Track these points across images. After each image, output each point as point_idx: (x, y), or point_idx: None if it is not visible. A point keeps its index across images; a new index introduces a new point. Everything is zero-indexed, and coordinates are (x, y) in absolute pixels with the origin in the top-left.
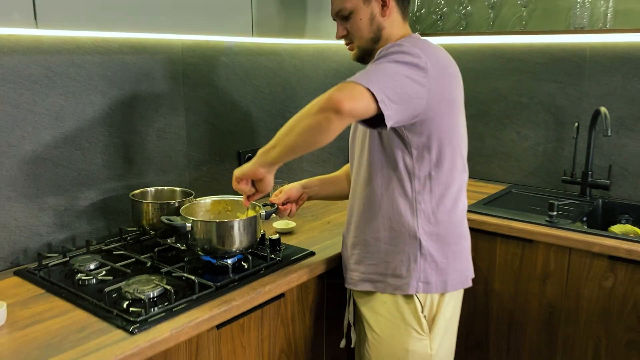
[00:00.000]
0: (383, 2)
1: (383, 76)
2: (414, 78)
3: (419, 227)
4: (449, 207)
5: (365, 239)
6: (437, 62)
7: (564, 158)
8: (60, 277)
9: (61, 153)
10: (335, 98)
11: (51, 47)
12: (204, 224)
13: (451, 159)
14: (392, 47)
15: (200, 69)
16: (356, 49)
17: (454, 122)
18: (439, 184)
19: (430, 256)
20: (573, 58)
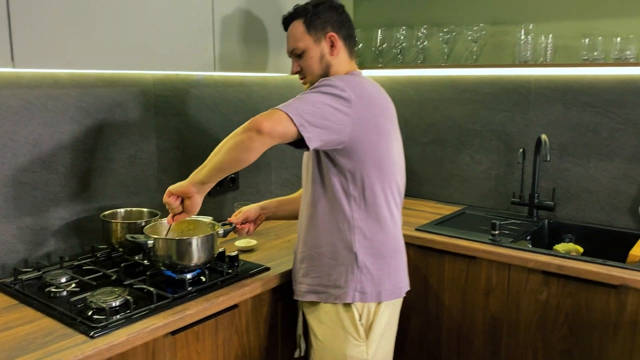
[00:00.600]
0: (332, 43)
1: (305, 104)
2: (336, 107)
3: (355, 242)
4: (383, 224)
5: (311, 254)
6: (363, 95)
7: (514, 181)
8: (33, 289)
9: (38, 177)
10: (257, 120)
11: (31, 82)
12: (164, 241)
13: (383, 182)
14: (322, 81)
15: (171, 100)
16: (308, 83)
17: (384, 148)
18: (372, 204)
19: (366, 268)
20: (519, 89)
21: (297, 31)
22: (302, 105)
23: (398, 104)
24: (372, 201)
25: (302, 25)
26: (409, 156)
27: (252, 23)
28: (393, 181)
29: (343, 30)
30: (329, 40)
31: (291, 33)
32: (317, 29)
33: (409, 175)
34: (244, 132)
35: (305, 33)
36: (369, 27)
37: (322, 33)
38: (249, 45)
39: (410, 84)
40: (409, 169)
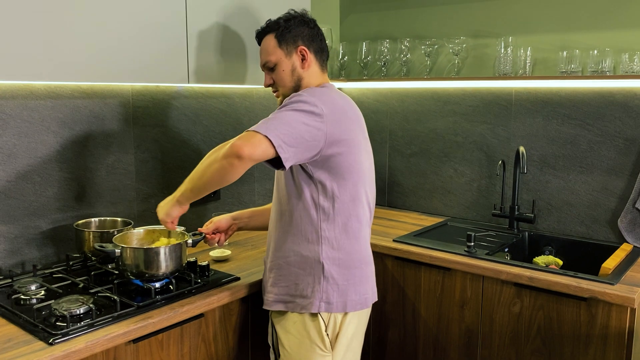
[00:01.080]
0: (302, 57)
1: (280, 124)
2: (310, 123)
3: (322, 253)
4: (351, 235)
5: (279, 263)
6: (333, 108)
7: (495, 193)
8: (1, 297)
9: (13, 186)
10: (236, 145)
11: (5, 93)
12: (132, 250)
13: (352, 193)
14: (293, 97)
15: (150, 111)
16: (281, 96)
17: (353, 159)
18: (341, 215)
19: (332, 279)
20: (500, 101)
21: (269, 45)
22: (279, 126)
23: (382, 115)
24: (341, 212)
25: (273, 40)
26: (393, 167)
27: (227, 36)
28: (362, 193)
29: (314, 44)
30: (300, 53)
31: (263, 47)
32: (288, 42)
33: (393, 186)
34: (224, 158)
35: (277, 47)
36: (354, 40)
37: (293, 47)
38: (224, 58)
39: (395, 96)
40: (394, 180)
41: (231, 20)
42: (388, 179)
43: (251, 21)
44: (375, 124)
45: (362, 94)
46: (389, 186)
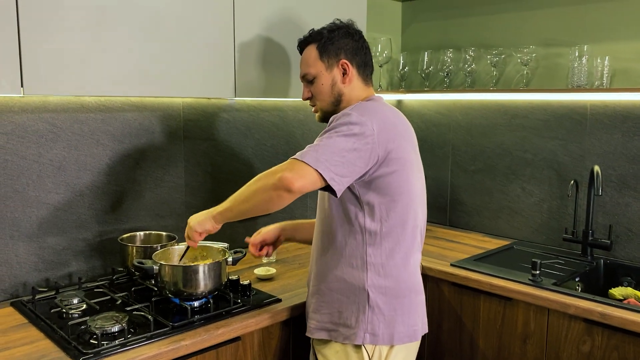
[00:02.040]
0: (344, 70)
1: (331, 153)
2: (361, 148)
3: (367, 280)
4: (398, 261)
5: (321, 289)
6: (383, 124)
7: (567, 215)
8: (44, 310)
9: (62, 198)
10: (287, 179)
11: (57, 107)
12: (170, 267)
13: (402, 215)
14: (341, 117)
15: (201, 124)
16: (319, 111)
17: (404, 179)
18: (389, 239)
19: (378, 308)
20: (574, 115)
21: (310, 56)
22: (329, 156)
23: (445, 128)
24: (389, 236)
25: (315, 51)
26: (455, 184)
27: (272, 48)
28: (412, 215)
29: (357, 57)
30: (342, 67)
31: (304, 58)
32: (330, 55)
33: (455, 205)
34: (274, 189)
35: (318, 59)
36: (415, 50)
37: (335, 60)
38: (269, 71)
39: (458, 108)
40: (456, 198)
41: (276, 32)
42: (450, 196)
43: (297, 32)
44: (437, 138)
45: (423, 105)
46: (451, 204)
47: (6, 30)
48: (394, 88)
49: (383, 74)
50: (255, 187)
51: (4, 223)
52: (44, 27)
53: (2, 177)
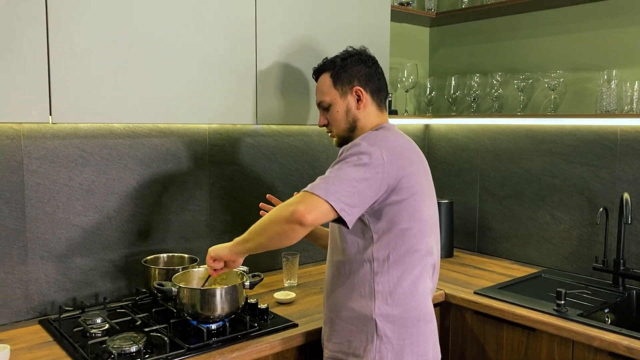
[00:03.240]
0: (358, 97)
1: (341, 184)
2: (372, 177)
3: (375, 309)
4: (407, 289)
5: (332, 317)
6: (393, 153)
7: (598, 244)
8: (69, 328)
9: (90, 221)
10: (298, 212)
11: (87, 133)
12: (188, 290)
13: (412, 243)
14: (351, 147)
15: (226, 149)
16: (336, 137)
17: (414, 207)
18: (397, 267)
19: (386, 337)
20: (604, 141)
21: (324, 84)
22: (339, 187)
23: (472, 153)
24: (397, 264)
25: (329, 79)
26: (484, 210)
27: (292, 76)
28: (423, 243)
29: (371, 83)
30: (355, 94)
31: (319, 86)
32: (344, 82)
33: (484, 231)
34: (287, 222)
35: (332, 87)
36: (442, 75)
37: (349, 87)
38: (289, 98)
39: (486, 133)
40: (484, 224)
41: (297, 60)
42: (478, 222)
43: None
44: (464, 163)
45: (451, 130)
46: (479, 230)
47: (37, 60)
48: (421, 113)
49: (410, 98)
50: (269, 220)
51: (35, 244)
52: (73, 56)
53: (34, 200)
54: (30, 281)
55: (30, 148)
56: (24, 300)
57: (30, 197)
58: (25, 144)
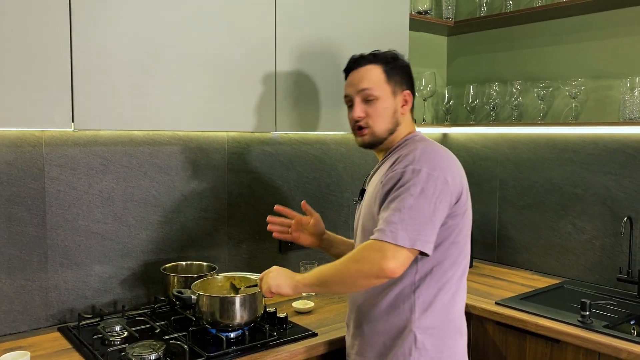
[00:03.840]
0: (405, 101)
1: (421, 225)
2: (443, 205)
3: (414, 320)
4: (446, 301)
5: (364, 331)
6: (452, 172)
7: (622, 254)
8: (88, 336)
9: (109, 228)
10: (390, 270)
11: (107, 140)
12: (208, 298)
13: (455, 256)
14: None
15: (244, 157)
16: (368, 135)
17: (464, 221)
18: (439, 279)
19: (425, 350)
20: (627, 149)
21: (376, 76)
22: (420, 229)
23: (492, 162)
24: (439, 277)
25: (382, 73)
26: (503, 220)
27: (311, 84)
28: (463, 256)
29: (413, 90)
30: (404, 97)
31: (365, 75)
32: (396, 82)
33: (503, 241)
34: (376, 278)
35: (385, 82)
36: (461, 83)
37: (400, 88)
38: (308, 105)
39: (505, 142)
40: (504, 234)
41: (316, 68)
42: (498, 232)
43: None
44: (483, 172)
45: (470, 139)
46: (499, 240)
47: (60, 67)
48: (439, 121)
49: (428, 107)
50: (351, 274)
51: (55, 251)
52: (96, 64)
53: (54, 207)
54: (49, 288)
55: (52, 155)
56: (43, 308)
57: (51, 204)
58: (46, 151)
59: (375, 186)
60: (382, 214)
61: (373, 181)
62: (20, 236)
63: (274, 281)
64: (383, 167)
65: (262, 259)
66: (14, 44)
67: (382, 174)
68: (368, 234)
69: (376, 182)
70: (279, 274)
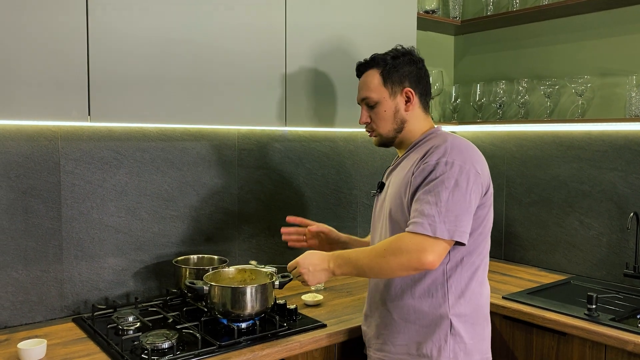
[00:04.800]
0: (407, 98)
1: (458, 217)
2: (476, 195)
3: (450, 308)
4: (476, 289)
5: (393, 319)
6: (481, 163)
7: (629, 250)
8: (102, 326)
9: (123, 221)
10: (430, 262)
11: (121, 135)
12: (220, 288)
13: (481, 246)
14: (446, 166)
15: (254, 153)
16: (377, 137)
17: (487, 211)
18: (468, 268)
19: (459, 337)
20: (633, 146)
21: (372, 81)
22: (457, 220)
23: (499, 160)
24: (468, 266)
25: (378, 77)
26: (510, 217)
27: (321, 80)
28: (487, 243)
29: (420, 85)
30: (405, 95)
31: (365, 82)
32: (394, 82)
33: (510, 238)
34: (414, 269)
35: (381, 85)
36: (468, 82)
37: (399, 87)
38: (318, 101)
39: (512, 140)
40: (511, 231)
41: (326, 65)
42: (505, 229)
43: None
44: (490, 170)
45: (477, 137)
46: (506, 237)
47: (76, 60)
48: (446, 120)
49: (435, 105)
50: (393, 265)
51: (70, 243)
52: (112, 58)
53: (69, 200)
54: (64, 280)
55: (67, 149)
56: (58, 299)
57: (66, 197)
58: (62, 145)
59: (403, 178)
60: (415, 205)
61: (398, 173)
62: (37, 228)
63: (313, 281)
64: (408, 161)
65: (272, 254)
66: (31, 38)
67: (412, 166)
68: (396, 224)
69: (403, 174)
70: (315, 272)
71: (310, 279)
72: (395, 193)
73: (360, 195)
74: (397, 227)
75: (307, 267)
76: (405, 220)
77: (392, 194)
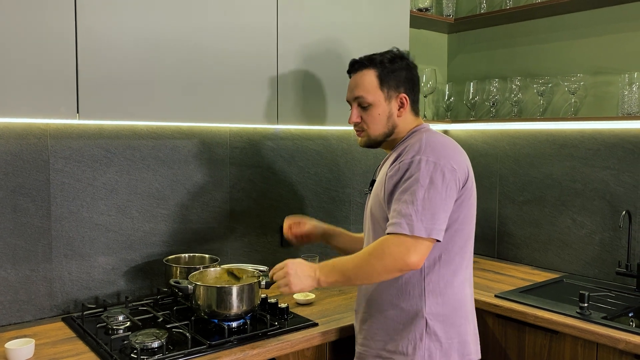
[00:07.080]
0: (401, 104)
1: (434, 215)
2: (452, 192)
3: (425, 307)
4: (456, 289)
5: (374, 316)
6: (457, 159)
7: (621, 248)
8: (91, 325)
9: (113, 220)
10: (413, 263)
11: (112, 133)
12: (205, 288)
13: (463, 243)
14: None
15: (246, 151)
16: (365, 137)
17: (469, 206)
18: (447, 266)
19: (435, 336)
20: (626, 144)
21: (367, 82)
22: (434, 218)
23: (492, 159)
24: (448, 264)
25: (375, 79)
26: (503, 216)
27: (313, 78)
28: (469, 243)
29: (413, 92)
30: (400, 100)
31: (359, 81)
32: (391, 86)
33: (503, 237)
34: (399, 271)
35: (378, 87)
36: (461, 80)
37: (395, 92)
38: (310, 99)
39: (505, 138)
40: (504, 230)
41: (318, 63)
42: (498, 228)
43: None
44: (483, 168)
45: (470, 135)
46: (499, 236)
47: (65, 57)
48: (440, 118)
49: (428, 104)
50: (374, 270)
51: (60, 242)
52: (101, 55)
53: (59, 199)
54: (54, 279)
55: (56, 147)
56: (47, 298)
57: (55, 195)
58: (51, 143)
59: (382, 176)
60: (394, 205)
61: (381, 172)
62: (25, 227)
63: (297, 285)
64: (390, 159)
65: (264, 253)
66: (19, 34)
67: (390, 165)
68: (376, 222)
69: (383, 173)
70: (302, 276)
71: (295, 282)
72: (374, 191)
73: (354, 194)
74: (377, 225)
75: (295, 270)
76: (384, 218)
77: (373, 193)
